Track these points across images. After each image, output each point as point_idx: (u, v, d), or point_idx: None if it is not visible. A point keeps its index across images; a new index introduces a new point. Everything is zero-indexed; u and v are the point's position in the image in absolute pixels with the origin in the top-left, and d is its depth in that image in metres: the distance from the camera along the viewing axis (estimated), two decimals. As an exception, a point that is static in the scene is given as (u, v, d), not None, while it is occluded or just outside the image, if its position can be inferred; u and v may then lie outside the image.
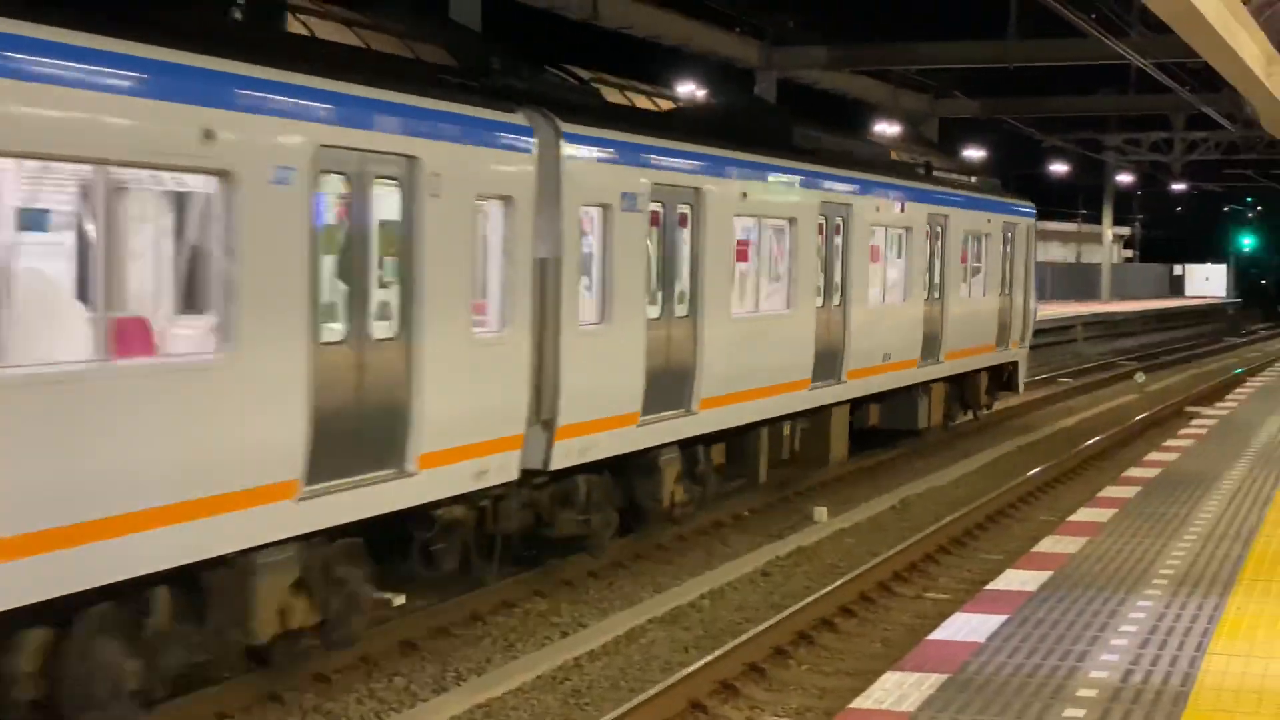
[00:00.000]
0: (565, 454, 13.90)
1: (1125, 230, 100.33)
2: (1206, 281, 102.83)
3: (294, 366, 10.06)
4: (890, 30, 41.31)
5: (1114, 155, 57.21)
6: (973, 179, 28.72)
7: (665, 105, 18.64)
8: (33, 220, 8.83)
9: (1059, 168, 56.72)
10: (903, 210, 22.80)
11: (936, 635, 9.12)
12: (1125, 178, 60.65)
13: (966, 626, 9.26)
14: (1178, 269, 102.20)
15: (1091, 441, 25.84)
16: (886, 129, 40.55)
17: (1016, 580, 10.57)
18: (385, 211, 11.30)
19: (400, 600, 12.56)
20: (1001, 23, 37.36)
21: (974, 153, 46.55)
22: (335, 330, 10.65)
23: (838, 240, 20.26)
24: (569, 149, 13.80)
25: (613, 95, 17.37)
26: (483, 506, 13.21)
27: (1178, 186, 62.77)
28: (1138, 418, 29.80)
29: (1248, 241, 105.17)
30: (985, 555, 17.07)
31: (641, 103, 17.84)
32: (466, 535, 13.03)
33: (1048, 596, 10.06)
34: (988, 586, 10.58)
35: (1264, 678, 8.16)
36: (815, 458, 20.54)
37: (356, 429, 10.79)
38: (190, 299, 9.62)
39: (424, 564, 12.77)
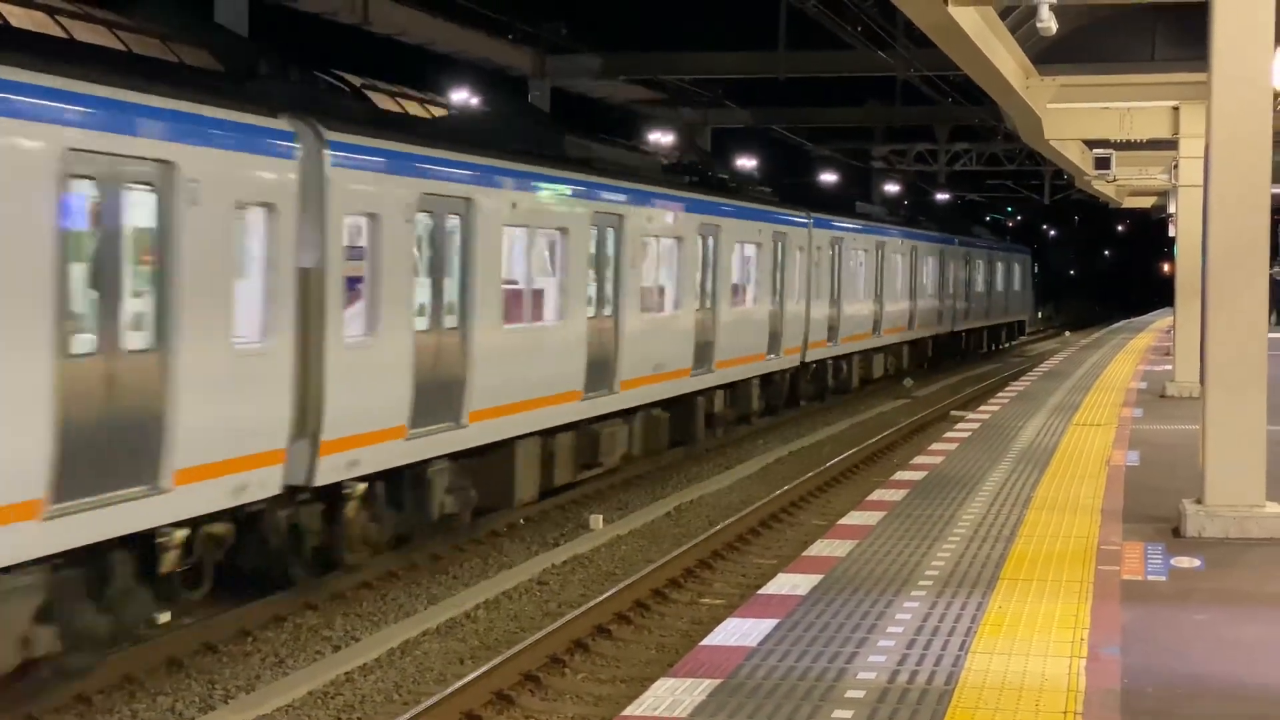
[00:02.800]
0: None
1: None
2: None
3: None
4: (663, 40, 41.67)
5: (881, 165, 58.45)
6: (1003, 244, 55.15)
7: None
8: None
9: (829, 177, 57.72)
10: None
11: (709, 641, 9.16)
12: (892, 187, 61.97)
13: (739, 631, 9.32)
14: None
15: (861, 446, 26.34)
16: (661, 138, 40.87)
17: (788, 584, 10.68)
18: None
19: (165, 617, 12.22)
20: (772, 34, 37.92)
21: (746, 161, 47.13)
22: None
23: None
24: None
25: (385, 103, 17.14)
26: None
27: (942, 196, 64.27)
28: (905, 422, 30.49)
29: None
30: (758, 560, 17.26)
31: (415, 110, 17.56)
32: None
33: (818, 599, 10.19)
34: (760, 591, 10.66)
35: (1024, 675, 8.37)
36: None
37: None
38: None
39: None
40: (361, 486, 14.32)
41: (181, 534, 11.69)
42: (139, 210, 11.28)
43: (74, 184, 10.55)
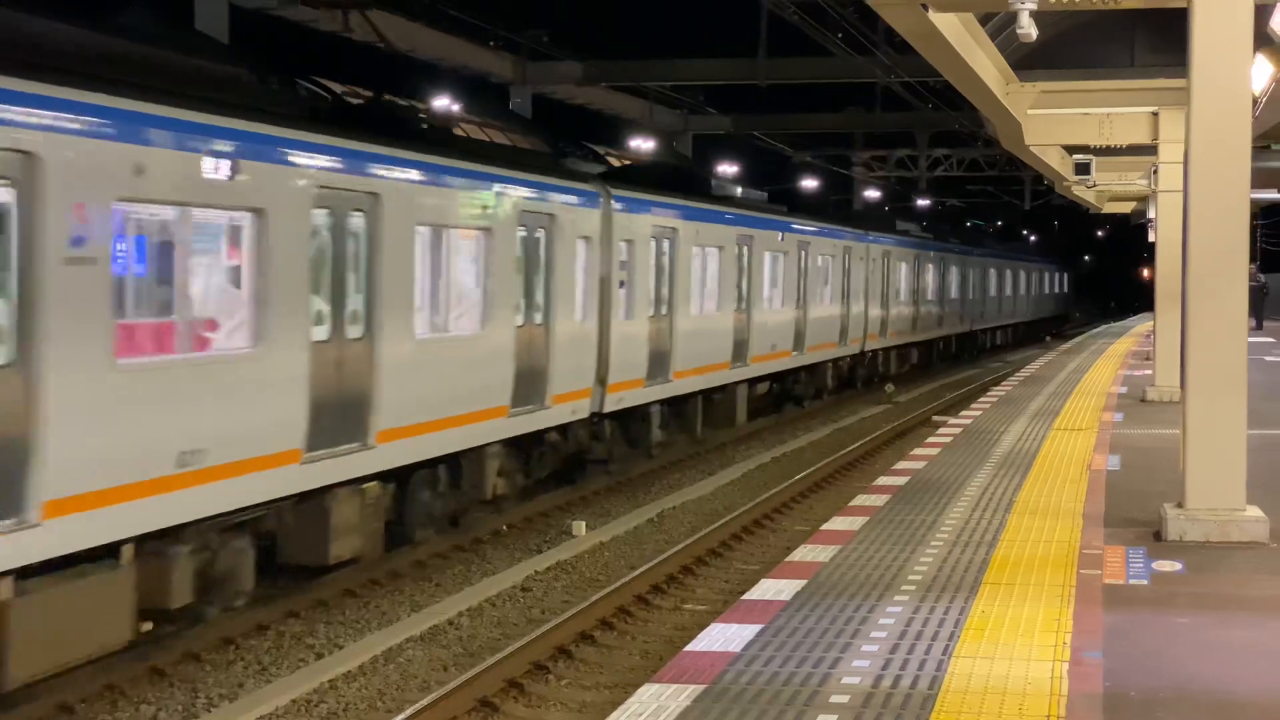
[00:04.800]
0: None
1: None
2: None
3: None
4: (644, 47, 41.72)
5: (862, 171, 58.54)
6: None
7: None
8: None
9: (810, 183, 57.82)
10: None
11: (693, 646, 9.17)
12: (873, 193, 62.10)
13: (723, 637, 9.33)
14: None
15: (844, 451, 26.38)
16: (642, 144, 40.91)
17: (771, 590, 10.69)
18: None
19: (148, 626, 12.21)
20: (752, 41, 37.98)
21: (727, 168, 47.18)
22: None
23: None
24: None
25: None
26: None
27: (923, 202, 64.41)
28: (887, 428, 30.54)
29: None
30: (741, 566, 17.28)
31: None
32: None
33: (802, 605, 10.20)
34: (744, 597, 10.67)
35: (1007, 679, 8.39)
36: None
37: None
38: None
39: None
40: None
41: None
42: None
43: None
